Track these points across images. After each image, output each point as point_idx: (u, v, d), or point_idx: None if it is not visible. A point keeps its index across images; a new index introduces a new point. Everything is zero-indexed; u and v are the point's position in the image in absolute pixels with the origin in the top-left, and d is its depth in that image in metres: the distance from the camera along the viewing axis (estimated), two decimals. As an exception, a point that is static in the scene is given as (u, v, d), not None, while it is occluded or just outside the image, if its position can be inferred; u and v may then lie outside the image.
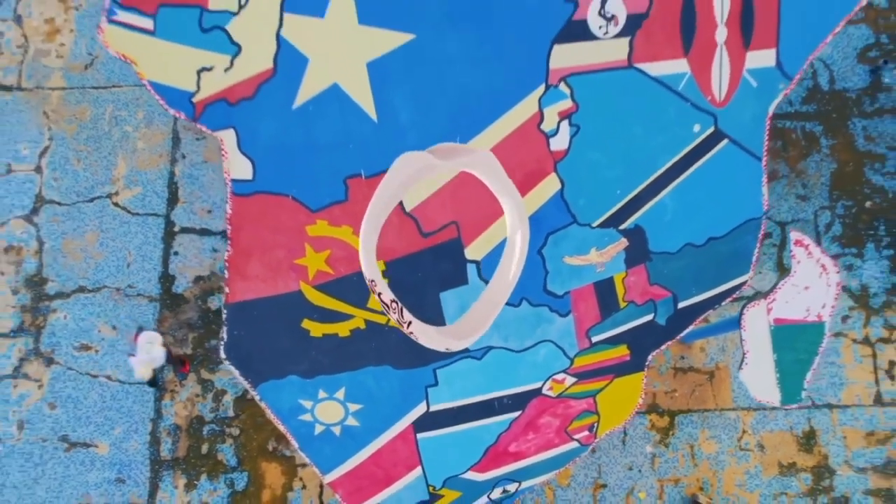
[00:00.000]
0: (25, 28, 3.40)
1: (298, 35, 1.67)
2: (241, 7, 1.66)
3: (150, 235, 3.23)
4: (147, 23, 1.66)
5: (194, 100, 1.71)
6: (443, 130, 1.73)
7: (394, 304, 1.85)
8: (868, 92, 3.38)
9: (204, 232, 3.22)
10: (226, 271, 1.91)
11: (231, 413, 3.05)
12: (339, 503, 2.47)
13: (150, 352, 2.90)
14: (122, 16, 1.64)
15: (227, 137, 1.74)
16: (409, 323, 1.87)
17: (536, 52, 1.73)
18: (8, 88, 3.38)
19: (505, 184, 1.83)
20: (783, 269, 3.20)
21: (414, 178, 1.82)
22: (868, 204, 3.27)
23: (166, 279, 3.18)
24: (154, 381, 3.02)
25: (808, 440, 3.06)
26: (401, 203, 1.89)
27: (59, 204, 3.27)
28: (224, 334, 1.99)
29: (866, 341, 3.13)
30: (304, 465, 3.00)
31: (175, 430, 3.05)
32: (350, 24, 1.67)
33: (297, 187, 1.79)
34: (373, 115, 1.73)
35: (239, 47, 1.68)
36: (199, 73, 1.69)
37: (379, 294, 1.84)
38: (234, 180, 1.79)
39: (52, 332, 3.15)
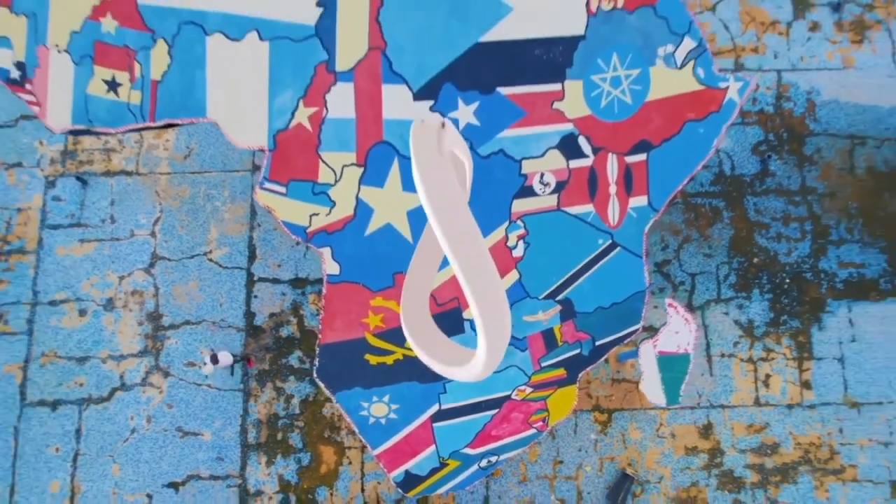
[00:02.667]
0: (141, 129, 4.72)
1: (368, 196, 3.00)
2: (336, 181, 2.99)
3: (236, 283, 4.55)
4: (281, 189, 2.99)
5: (307, 231, 3.04)
6: (450, 249, 3.06)
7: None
8: (758, 177, 4.69)
9: (275, 281, 4.54)
10: (320, 325, 3.24)
11: (298, 411, 4.38)
12: (382, 470, 3.81)
13: (223, 361, 4.21)
14: (268, 185, 2.98)
15: (326, 251, 3.07)
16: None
17: (503, 203, 3.05)
18: (129, 173, 4.70)
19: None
20: (693, 307, 4.53)
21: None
22: (755, 260, 4.59)
23: (249, 315, 4.51)
24: (214, 359, 4.21)
25: (706, 430, 4.39)
26: (424, 284, 3.21)
27: (168, 260, 4.59)
28: (316, 363, 3.32)
29: (750, 360, 4.45)
30: (350, 448, 4.32)
31: (258, 423, 4.38)
32: (398, 191, 3.00)
33: (365, 279, 3.12)
34: (410, 240, 3.05)
35: (334, 203, 3.01)
36: (310, 216, 3.03)
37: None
38: (328, 275, 3.12)
39: (168, 353, 4.47)
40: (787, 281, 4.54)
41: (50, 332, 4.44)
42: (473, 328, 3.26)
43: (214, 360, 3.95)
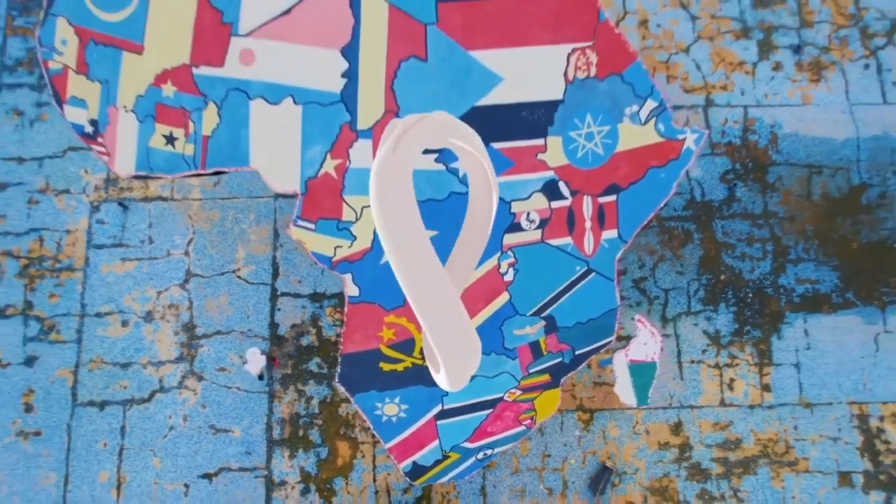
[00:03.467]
0: (176, 159, 5.36)
1: (384, 232, 3.65)
2: (357, 219, 3.64)
3: (261, 297, 5.20)
4: (311, 226, 3.64)
5: (332, 260, 3.69)
6: (452, 275, 3.71)
7: None
8: (726, 202, 5.35)
9: (296, 295, 5.18)
10: (342, 339, 3.89)
11: (317, 410, 5.03)
12: (393, 462, 4.47)
13: (256, 361, 4.90)
14: (300, 223, 3.63)
15: (347, 277, 3.72)
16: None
17: (496, 236, 3.69)
18: (165, 199, 5.35)
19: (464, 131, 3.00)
20: (666, 319, 5.19)
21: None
22: (722, 277, 5.24)
23: (273, 325, 5.16)
24: (261, 377, 4.97)
25: (677, 428, 5.04)
26: (429, 303, 3.86)
27: (201, 276, 5.24)
28: (339, 370, 3.97)
29: (716, 366, 5.10)
30: (364, 443, 4.97)
31: (282, 421, 5.03)
32: (408, 227, 3.65)
33: (381, 299, 3.75)
34: (418, 267, 3.71)
35: (355, 237, 3.65)
36: (335, 248, 3.67)
37: None
38: (349, 296, 3.76)
39: (201, 359, 5.12)
40: (750, 295, 5.19)
41: (97, 341, 5.09)
42: (471, 340, 3.90)
43: (257, 358, 4.63)
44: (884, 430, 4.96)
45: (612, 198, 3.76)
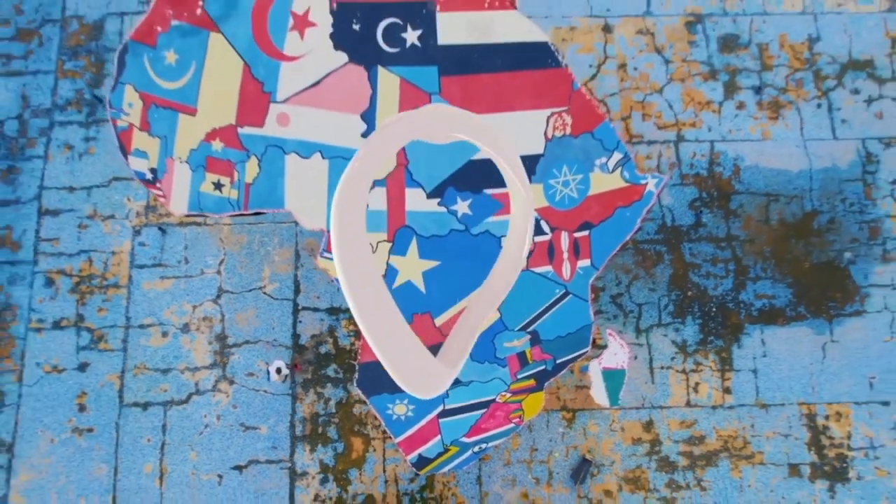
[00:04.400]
0: (208, 189, 6.16)
1: (395, 262, 4.41)
2: (373, 252, 4.45)
3: (284, 311, 6.02)
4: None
5: (352, 285, 4.50)
6: (451, 299, 4.52)
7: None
8: (693, 227, 6.17)
9: (315, 309, 6.00)
10: (360, 350, 4.70)
11: (334, 410, 5.85)
12: (400, 455, 5.30)
13: (280, 371, 5.73)
14: (325, 255, 4.45)
15: (365, 299, 4.53)
16: None
17: (487, 267, 4.51)
18: (199, 224, 6.15)
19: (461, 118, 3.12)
20: (640, 330, 6.01)
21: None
22: (689, 293, 6.06)
23: (295, 336, 5.97)
24: (285, 380, 5.78)
25: (648, 426, 5.85)
26: (433, 318, 4.68)
27: (231, 293, 6.05)
28: (356, 376, 4.78)
29: (683, 371, 5.92)
30: (375, 439, 5.79)
31: (303, 419, 5.84)
32: (415, 258, 4.44)
33: (392, 318, 4.57)
34: (424, 291, 4.51)
35: (371, 266, 4.47)
36: (355, 275, 4.49)
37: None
38: (366, 315, 4.58)
39: (232, 365, 5.94)
40: (714, 309, 6.00)
41: (140, 350, 5.90)
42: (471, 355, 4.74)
43: (279, 371, 5.44)
44: (828, 428, 5.78)
45: (586, 233, 4.58)
